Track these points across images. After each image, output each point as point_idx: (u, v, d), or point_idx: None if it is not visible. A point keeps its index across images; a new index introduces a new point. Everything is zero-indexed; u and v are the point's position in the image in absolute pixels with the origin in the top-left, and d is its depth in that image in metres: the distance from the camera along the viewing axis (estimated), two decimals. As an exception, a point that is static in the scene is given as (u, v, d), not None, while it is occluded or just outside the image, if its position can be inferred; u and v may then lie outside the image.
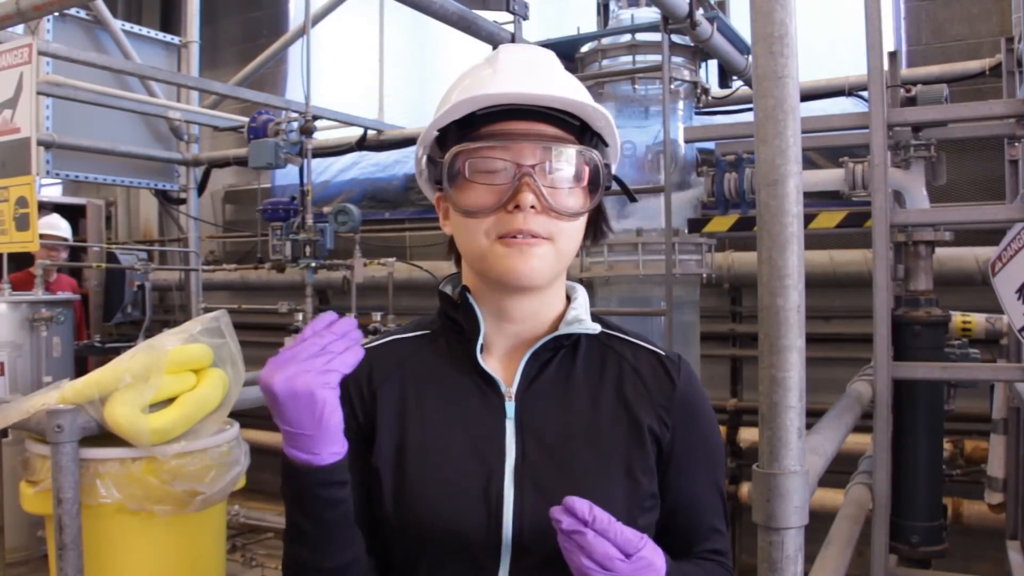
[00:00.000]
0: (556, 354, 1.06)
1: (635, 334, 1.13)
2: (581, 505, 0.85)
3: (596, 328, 1.07)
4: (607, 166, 1.04)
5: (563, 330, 1.05)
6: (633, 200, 1.22)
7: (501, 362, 1.06)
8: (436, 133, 1.04)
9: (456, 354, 1.07)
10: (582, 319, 1.06)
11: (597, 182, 1.03)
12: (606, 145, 1.07)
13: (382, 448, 1.03)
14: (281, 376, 0.87)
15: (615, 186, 1.11)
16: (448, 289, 1.11)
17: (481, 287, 1.05)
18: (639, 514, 1.00)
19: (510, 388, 1.03)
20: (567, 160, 1.00)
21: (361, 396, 1.06)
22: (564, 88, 1.00)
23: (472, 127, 1.00)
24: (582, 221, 1.04)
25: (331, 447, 0.91)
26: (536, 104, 0.99)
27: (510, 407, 1.02)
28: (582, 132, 1.02)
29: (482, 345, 1.05)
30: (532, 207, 0.97)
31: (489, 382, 1.04)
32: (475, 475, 0.99)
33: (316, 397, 0.87)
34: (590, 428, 1.02)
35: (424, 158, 1.08)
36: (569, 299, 1.10)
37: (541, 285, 1.02)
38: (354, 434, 1.04)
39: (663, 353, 1.10)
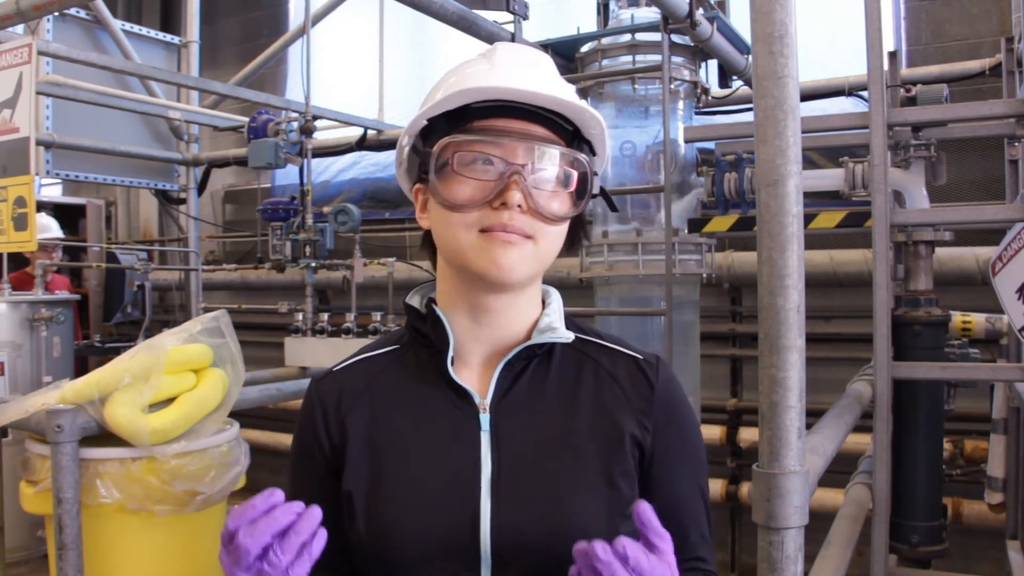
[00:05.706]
0: (530, 363, 1.04)
1: (612, 338, 1.11)
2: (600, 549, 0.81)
3: (569, 336, 1.05)
4: (595, 174, 1.03)
5: (536, 339, 1.03)
6: (614, 210, 1.22)
7: (475, 373, 1.04)
8: (424, 123, 1.02)
9: (427, 368, 1.04)
10: (555, 327, 1.04)
11: (584, 189, 1.01)
12: (594, 153, 1.05)
13: (354, 471, 1.01)
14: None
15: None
16: (415, 301, 1.09)
17: (458, 285, 1.03)
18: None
19: (484, 400, 1.01)
20: (557, 163, 0.99)
21: (328, 424, 1.05)
22: (562, 91, 0.99)
23: (463, 120, 0.98)
24: (565, 225, 1.02)
25: None
26: (535, 103, 0.97)
27: (484, 419, 1.00)
28: (572, 138, 1.01)
29: (454, 357, 1.03)
30: (519, 206, 0.95)
31: (462, 395, 1.01)
32: (451, 489, 0.97)
33: None
34: (566, 437, 1.00)
35: (407, 148, 1.06)
36: (545, 304, 1.09)
37: (519, 282, 1.00)
38: (322, 462, 1.04)
39: (641, 357, 1.08)
